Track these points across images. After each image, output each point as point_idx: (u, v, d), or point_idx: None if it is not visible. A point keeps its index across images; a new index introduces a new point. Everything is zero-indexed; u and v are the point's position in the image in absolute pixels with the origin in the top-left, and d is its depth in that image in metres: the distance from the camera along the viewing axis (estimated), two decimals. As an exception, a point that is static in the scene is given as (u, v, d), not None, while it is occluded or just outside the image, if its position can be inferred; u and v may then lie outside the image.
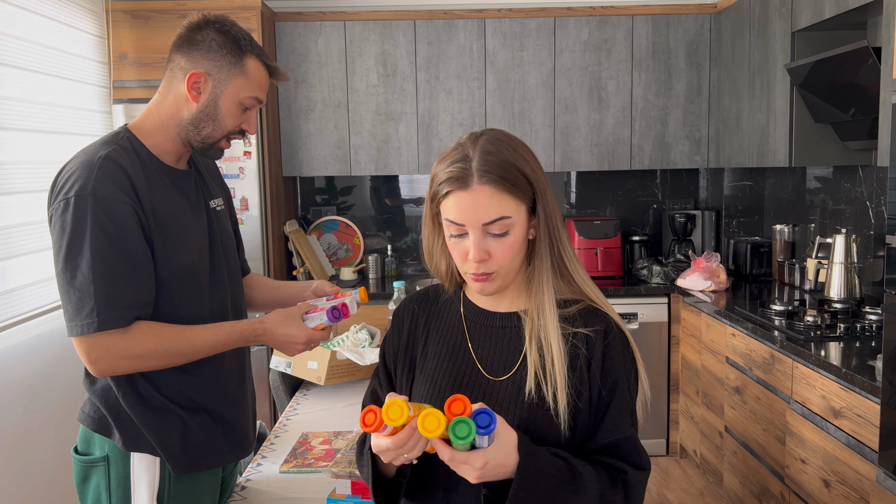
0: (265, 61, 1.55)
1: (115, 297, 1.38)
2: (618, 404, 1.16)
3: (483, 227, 1.14)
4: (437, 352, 1.26)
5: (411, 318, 1.32)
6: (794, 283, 3.50)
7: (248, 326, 1.50)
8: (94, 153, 1.43)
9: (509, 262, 1.17)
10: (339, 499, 1.53)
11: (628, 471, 1.14)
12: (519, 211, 1.15)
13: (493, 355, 1.22)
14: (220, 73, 1.50)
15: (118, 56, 3.52)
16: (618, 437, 1.15)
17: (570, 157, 3.91)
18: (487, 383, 1.20)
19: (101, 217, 1.37)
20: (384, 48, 3.83)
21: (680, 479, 3.53)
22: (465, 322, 1.27)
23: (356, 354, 2.35)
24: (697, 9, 3.87)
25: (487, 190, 1.13)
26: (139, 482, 1.50)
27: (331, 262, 4.18)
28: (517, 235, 1.16)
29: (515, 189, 1.14)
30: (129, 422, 1.49)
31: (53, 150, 2.97)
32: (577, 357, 1.17)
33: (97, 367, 1.41)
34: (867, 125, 2.74)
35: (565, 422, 1.15)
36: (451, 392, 1.20)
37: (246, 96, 1.53)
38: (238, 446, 1.64)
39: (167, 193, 1.51)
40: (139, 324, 1.42)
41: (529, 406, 1.16)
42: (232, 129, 1.54)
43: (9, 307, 2.62)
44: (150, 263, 1.44)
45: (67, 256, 1.38)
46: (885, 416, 1.91)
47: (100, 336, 1.38)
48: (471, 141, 1.18)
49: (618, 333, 1.20)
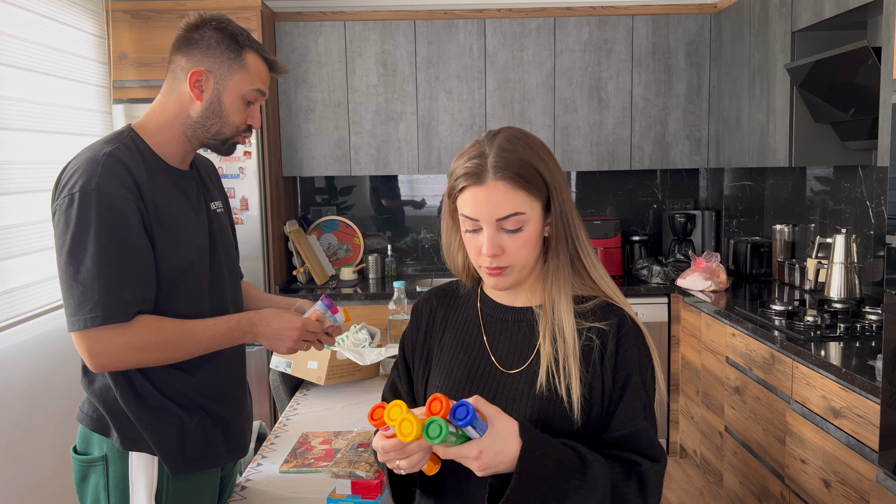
0: (264, 55, 1.57)
1: (118, 292, 1.39)
2: (630, 396, 1.17)
3: (497, 222, 1.16)
4: (453, 344, 1.29)
5: (430, 311, 1.35)
6: (794, 283, 3.50)
7: (245, 316, 1.53)
8: (99, 150, 1.45)
9: (524, 259, 1.19)
10: (339, 499, 1.53)
11: (642, 463, 1.14)
12: (533, 207, 1.17)
13: (508, 349, 1.24)
14: (221, 69, 1.51)
15: (118, 56, 3.52)
16: (630, 430, 1.15)
17: (570, 157, 3.91)
18: (501, 376, 1.22)
19: (104, 212, 1.39)
20: (384, 48, 3.83)
21: (680, 479, 3.53)
22: (481, 316, 1.29)
23: (356, 354, 2.35)
24: (697, 9, 3.87)
25: (502, 186, 1.15)
26: (137, 482, 1.50)
27: (331, 262, 4.18)
28: (531, 232, 1.18)
29: (530, 186, 1.16)
30: (126, 421, 1.49)
31: (53, 150, 2.97)
32: (591, 350, 1.18)
33: (98, 362, 1.41)
34: (867, 125, 2.74)
35: (578, 415, 1.16)
36: (465, 384, 1.23)
37: (248, 90, 1.54)
38: (235, 447, 1.64)
39: (169, 192, 1.52)
40: (141, 317, 1.43)
41: (541, 399, 1.17)
42: (239, 123, 1.56)
43: (9, 307, 2.63)
44: (152, 259, 1.45)
45: (71, 251, 1.39)
46: (885, 416, 1.91)
47: (102, 330, 1.38)
48: (488, 138, 1.19)
49: (632, 327, 1.20)
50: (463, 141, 3.87)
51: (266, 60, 1.57)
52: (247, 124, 1.58)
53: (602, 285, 1.23)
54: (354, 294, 3.73)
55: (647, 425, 1.16)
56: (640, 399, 1.17)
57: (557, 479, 1.07)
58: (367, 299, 3.70)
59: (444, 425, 1.00)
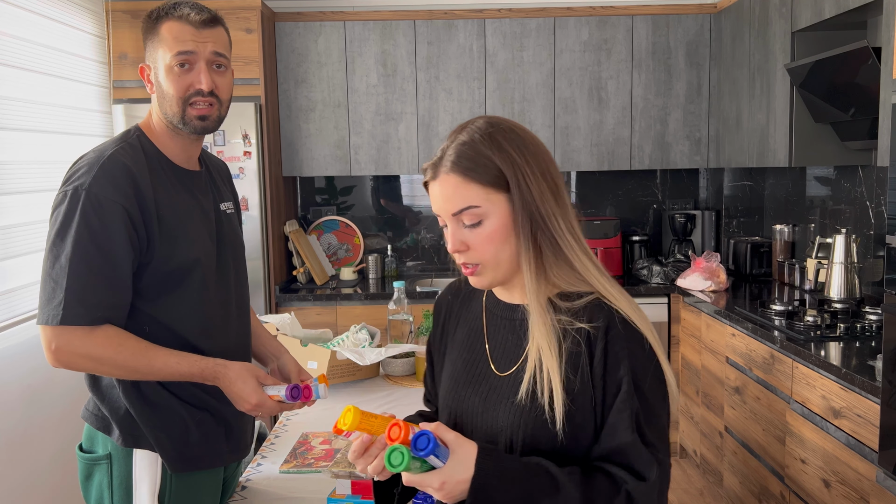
0: (173, 14, 1.49)
1: (84, 294, 1.39)
2: (620, 406, 1.08)
3: (453, 217, 1.13)
4: (461, 340, 1.27)
5: (446, 308, 1.34)
6: (794, 283, 3.50)
7: (211, 366, 1.47)
8: (104, 151, 1.47)
9: (493, 255, 1.13)
10: (339, 499, 1.53)
11: (629, 480, 1.05)
12: (491, 200, 1.11)
13: (503, 348, 1.20)
14: (151, 54, 1.53)
15: (118, 56, 3.52)
16: (617, 443, 1.07)
17: (570, 157, 3.91)
18: (493, 377, 1.19)
19: (89, 214, 1.40)
20: (384, 48, 3.83)
21: (680, 479, 3.53)
22: (485, 312, 1.26)
23: (356, 354, 2.35)
24: (697, 9, 3.87)
25: (452, 179, 1.12)
26: (141, 480, 1.50)
27: (331, 262, 4.18)
28: (494, 226, 1.12)
29: (483, 178, 1.11)
30: (128, 419, 1.50)
31: (53, 150, 2.97)
32: (578, 355, 1.10)
33: (55, 358, 1.42)
34: (867, 125, 2.74)
35: (560, 426, 1.08)
36: (464, 384, 1.21)
37: (169, 58, 1.48)
38: (237, 447, 1.65)
39: (173, 192, 1.52)
40: (107, 328, 1.41)
41: (521, 408, 1.11)
42: (180, 94, 1.49)
43: (9, 307, 2.63)
44: (130, 267, 1.44)
45: (51, 246, 1.41)
46: (885, 416, 1.91)
47: (62, 329, 1.39)
48: (459, 130, 1.16)
49: (622, 329, 1.10)
50: (463, 141, 3.88)
51: (179, 18, 1.49)
52: (194, 89, 1.49)
53: (591, 279, 1.14)
54: (354, 294, 3.73)
55: (636, 438, 1.06)
56: (630, 408, 1.07)
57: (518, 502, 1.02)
58: (367, 299, 3.70)
59: (406, 452, 0.99)
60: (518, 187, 1.11)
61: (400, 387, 2.42)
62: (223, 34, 1.55)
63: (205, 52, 1.50)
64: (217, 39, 1.52)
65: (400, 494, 1.25)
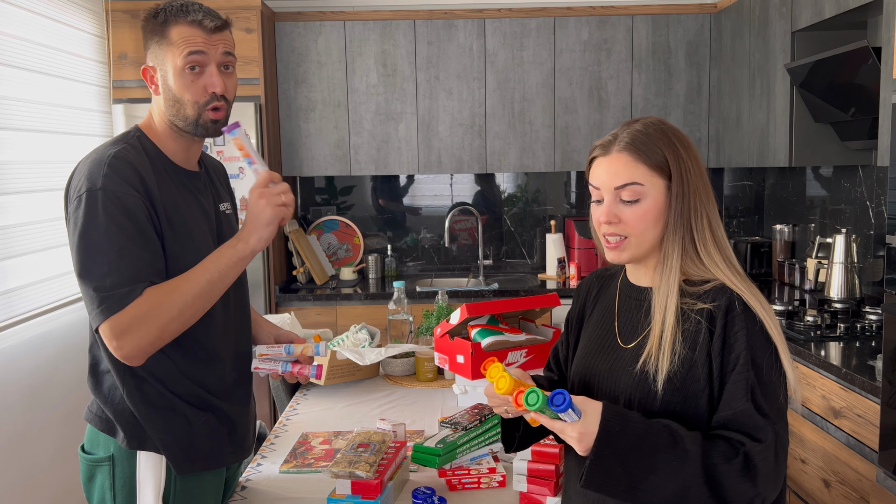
0: (187, 19, 1.48)
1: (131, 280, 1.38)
2: (735, 378, 1.18)
3: (615, 190, 1.25)
4: (596, 319, 1.41)
5: (587, 289, 1.47)
6: (794, 283, 3.50)
7: (230, 242, 1.48)
8: (104, 152, 1.45)
9: (641, 232, 1.25)
10: (339, 499, 1.53)
11: (745, 442, 1.15)
12: (653, 183, 1.24)
13: (630, 325, 1.33)
14: (158, 56, 1.51)
15: (118, 56, 3.52)
16: (733, 411, 1.17)
17: (570, 157, 3.91)
18: (618, 349, 1.32)
19: (112, 211, 1.39)
20: (384, 48, 3.83)
21: (680, 478, 3.52)
22: (618, 293, 1.39)
23: (356, 354, 2.35)
24: (697, 9, 3.87)
25: (624, 157, 1.25)
26: (145, 482, 1.50)
27: (331, 261, 4.18)
28: (649, 206, 1.24)
29: (651, 161, 1.24)
30: (132, 421, 1.49)
31: (53, 150, 2.97)
32: (698, 332, 1.22)
33: (124, 350, 1.39)
34: (867, 125, 2.74)
35: (660, 397, 1.21)
36: (594, 353, 1.35)
37: (181, 60, 1.48)
38: (240, 447, 1.65)
39: (176, 192, 1.52)
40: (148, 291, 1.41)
41: (637, 377, 1.24)
42: (197, 98, 1.49)
43: (9, 307, 2.62)
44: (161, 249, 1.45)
45: (80, 249, 1.39)
46: (885, 416, 1.91)
47: (121, 315, 1.37)
48: (630, 122, 1.30)
49: (741, 309, 1.21)
50: (463, 141, 3.88)
51: (190, 22, 1.48)
52: (209, 93, 1.50)
53: (715, 271, 1.26)
54: (354, 294, 3.73)
55: (750, 406, 1.16)
56: (745, 380, 1.17)
57: (642, 452, 1.12)
58: (367, 299, 3.70)
59: (542, 395, 1.13)
60: (679, 178, 1.24)
61: (400, 387, 2.42)
62: (230, 35, 1.56)
63: (216, 53, 1.50)
64: (226, 40, 1.54)
65: (520, 438, 1.40)
